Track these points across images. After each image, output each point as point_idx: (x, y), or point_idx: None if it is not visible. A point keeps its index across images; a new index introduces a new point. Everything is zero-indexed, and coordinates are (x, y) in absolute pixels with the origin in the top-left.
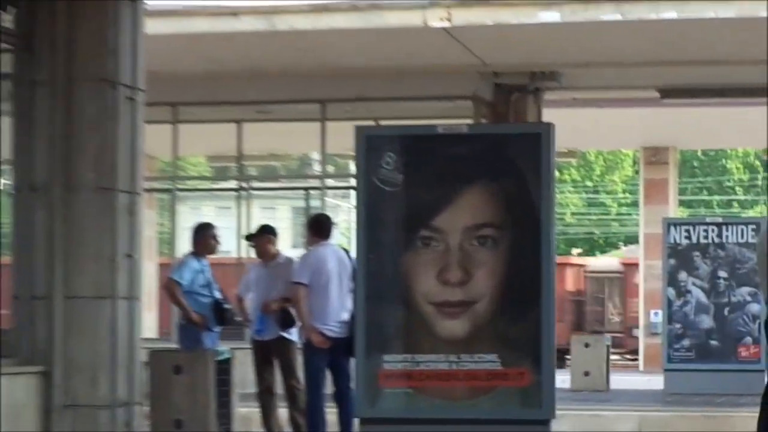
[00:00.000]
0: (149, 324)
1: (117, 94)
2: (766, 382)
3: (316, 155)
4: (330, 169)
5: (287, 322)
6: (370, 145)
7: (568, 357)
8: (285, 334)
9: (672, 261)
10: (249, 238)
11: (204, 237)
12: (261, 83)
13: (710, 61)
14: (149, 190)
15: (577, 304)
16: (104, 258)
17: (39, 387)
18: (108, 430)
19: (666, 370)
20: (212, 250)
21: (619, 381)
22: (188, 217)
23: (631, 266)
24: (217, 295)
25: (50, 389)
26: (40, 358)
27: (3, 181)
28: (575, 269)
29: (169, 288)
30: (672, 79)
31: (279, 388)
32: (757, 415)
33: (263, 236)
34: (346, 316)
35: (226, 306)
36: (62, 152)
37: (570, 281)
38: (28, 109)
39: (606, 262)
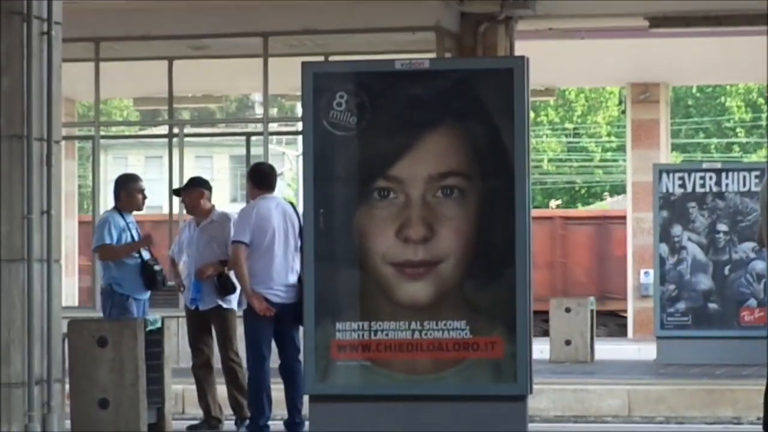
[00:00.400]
0: (69, 290)
1: (29, 29)
2: None
3: (257, 96)
4: (274, 112)
5: (226, 289)
6: (318, 83)
7: None
8: (222, 303)
9: (664, 213)
10: (177, 192)
11: (128, 191)
12: (195, 15)
13: None
14: (68, 138)
15: None
16: (17, 216)
17: None
18: (23, 411)
19: (658, 338)
20: (138, 205)
21: (606, 351)
22: (113, 168)
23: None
24: (146, 255)
25: None
26: None
27: None
28: None
29: (105, 253)
30: (662, 5)
31: (218, 362)
32: (762, 387)
33: (194, 190)
34: (293, 278)
35: (156, 268)
36: None
37: None
38: None
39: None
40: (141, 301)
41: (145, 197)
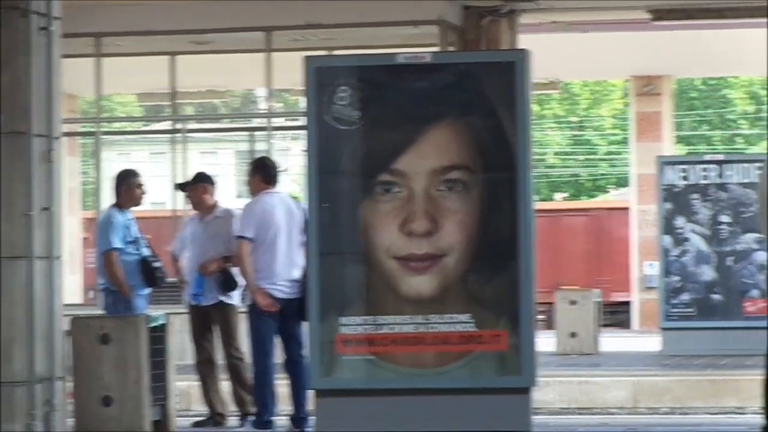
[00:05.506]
0: (72, 287)
1: (29, 24)
2: None
3: (261, 91)
4: (277, 106)
5: (228, 285)
6: (321, 78)
7: None
8: (224, 299)
9: (668, 205)
10: (182, 187)
11: (127, 186)
12: (196, 9)
13: None
14: (70, 134)
15: None
16: (17, 213)
17: None
18: (25, 410)
19: (663, 329)
20: (137, 200)
21: (611, 343)
22: (116, 164)
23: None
24: (145, 252)
25: None
26: None
27: None
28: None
29: (108, 261)
30: None
31: (221, 358)
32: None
33: (198, 185)
34: (297, 273)
35: (156, 264)
36: None
37: None
38: None
39: None
40: (142, 296)
41: (144, 192)
